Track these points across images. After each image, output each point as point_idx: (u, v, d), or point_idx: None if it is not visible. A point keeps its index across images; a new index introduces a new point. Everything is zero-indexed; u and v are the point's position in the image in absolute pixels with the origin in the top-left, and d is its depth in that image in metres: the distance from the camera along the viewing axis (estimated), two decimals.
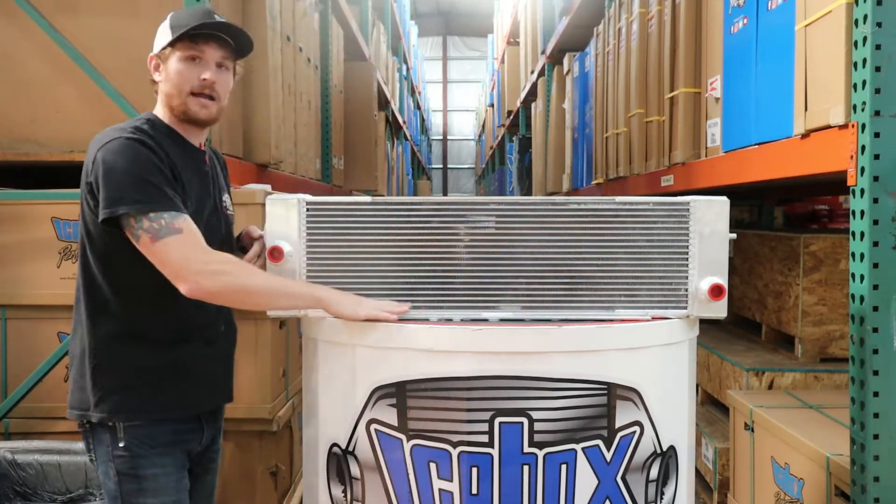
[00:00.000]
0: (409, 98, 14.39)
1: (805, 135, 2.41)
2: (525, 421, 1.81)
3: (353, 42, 7.02)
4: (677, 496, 2.01)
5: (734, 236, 1.98)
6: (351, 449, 1.92)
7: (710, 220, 1.95)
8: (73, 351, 2.00)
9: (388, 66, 10.22)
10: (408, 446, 1.85)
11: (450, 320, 1.95)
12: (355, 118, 6.72)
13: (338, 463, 1.96)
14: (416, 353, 1.85)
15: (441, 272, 1.97)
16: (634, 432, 1.88)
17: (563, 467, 1.83)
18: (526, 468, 1.83)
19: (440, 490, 1.85)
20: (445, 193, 24.44)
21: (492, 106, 16.07)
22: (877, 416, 2.09)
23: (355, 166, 6.73)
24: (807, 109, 2.40)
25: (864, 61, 2.05)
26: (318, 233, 1.99)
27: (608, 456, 1.86)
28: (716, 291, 1.94)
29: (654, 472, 1.93)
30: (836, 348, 3.41)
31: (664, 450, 1.94)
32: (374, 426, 1.89)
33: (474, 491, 1.83)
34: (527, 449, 1.82)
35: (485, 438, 1.82)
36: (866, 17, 2.04)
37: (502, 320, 1.95)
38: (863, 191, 2.08)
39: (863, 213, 2.09)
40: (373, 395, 1.88)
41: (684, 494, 2.04)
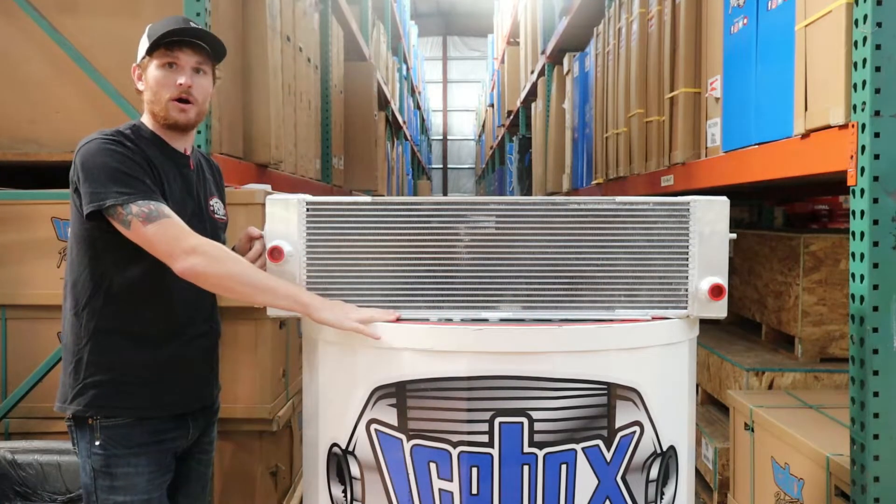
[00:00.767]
0: (409, 98, 14.39)
1: (805, 135, 2.41)
2: (525, 421, 1.81)
3: (353, 42, 7.02)
4: (677, 496, 2.01)
5: (734, 236, 1.98)
6: (351, 449, 1.92)
7: (710, 220, 1.95)
8: (62, 343, 2.08)
9: (388, 66, 10.22)
10: (408, 446, 1.85)
11: (450, 320, 1.95)
12: (355, 118, 6.72)
13: (338, 463, 1.96)
14: (416, 353, 1.86)
15: (441, 272, 1.97)
16: (634, 432, 1.88)
17: (563, 467, 1.83)
18: (526, 468, 1.83)
19: (440, 490, 1.85)
20: (445, 193, 24.44)
21: (492, 106, 16.08)
22: (877, 416, 2.09)
23: (355, 166, 6.73)
24: (807, 109, 2.40)
25: (864, 61, 2.05)
26: (318, 233, 1.99)
27: (608, 456, 1.86)
28: (716, 291, 1.94)
29: (654, 472, 1.93)
30: (836, 348, 3.41)
31: (664, 450, 1.94)
32: (374, 426, 1.89)
33: (474, 491, 1.83)
34: (527, 449, 1.82)
35: (485, 438, 1.82)
36: (866, 17, 2.04)
37: (502, 320, 1.95)
38: (863, 191, 2.08)
39: (863, 213, 2.09)
40: (373, 395, 1.88)
41: (684, 494, 2.04)
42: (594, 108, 5.47)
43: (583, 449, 1.84)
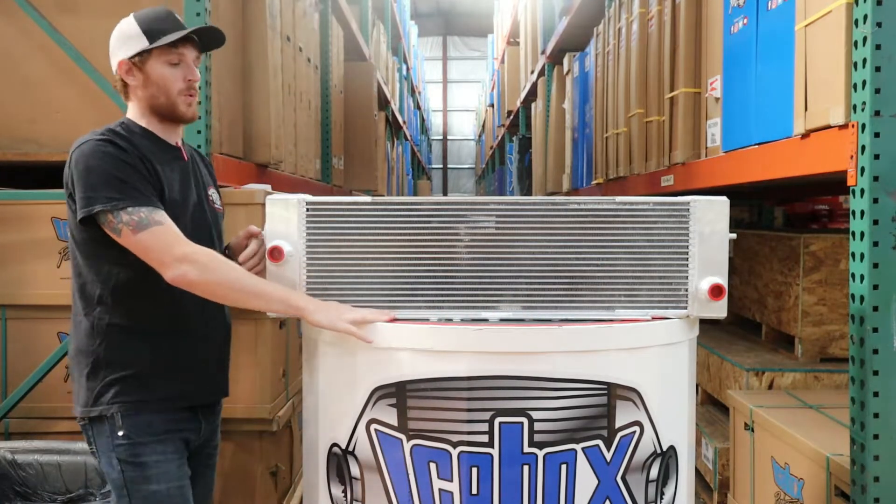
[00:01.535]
0: (409, 98, 14.39)
1: (805, 135, 2.41)
2: (525, 421, 1.81)
3: (353, 42, 7.02)
4: (677, 496, 2.01)
5: (734, 236, 1.98)
6: (351, 449, 1.92)
7: (710, 220, 1.95)
8: (72, 351, 2.05)
9: (388, 66, 10.22)
10: (408, 446, 1.85)
11: (450, 320, 1.95)
12: (355, 118, 6.72)
13: (338, 463, 1.96)
14: (416, 353, 1.86)
15: (441, 272, 1.97)
16: (634, 432, 1.88)
17: (563, 467, 1.83)
18: (526, 468, 1.83)
19: (440, 490, 1.85)
20: (445, 193, 24.44)
21: (492, 106, 16.07)
22: (877, 416, 2.09)
23: (355, 166, 6.73)
24: (807, 109, 2.40)
25: (864, 61, 2.05)
26: (318, 233, 1.99)
27: (608, 456, 1.86)
28: (716, 291, 1.94)
29: (654, 472, 1.93)
30: (836, 348, 3.41)
31: (664, 450, 1.94)
32: (374, 426, 1.89)
33: (474, 491, 1.83)
34: (527, 449, 1.82)
35: (485, 438, 1.82)
36: (866, 17, 2.04)
37: (502, 320, 1.95)
38: (863, 191, 2.08)
39: (863, 213, 2.09)
40: (373, 395, 1.88)
41: (684, 494, 2.04)
42: (594, 108, 5.47)
43: (583, 449, 1.84)
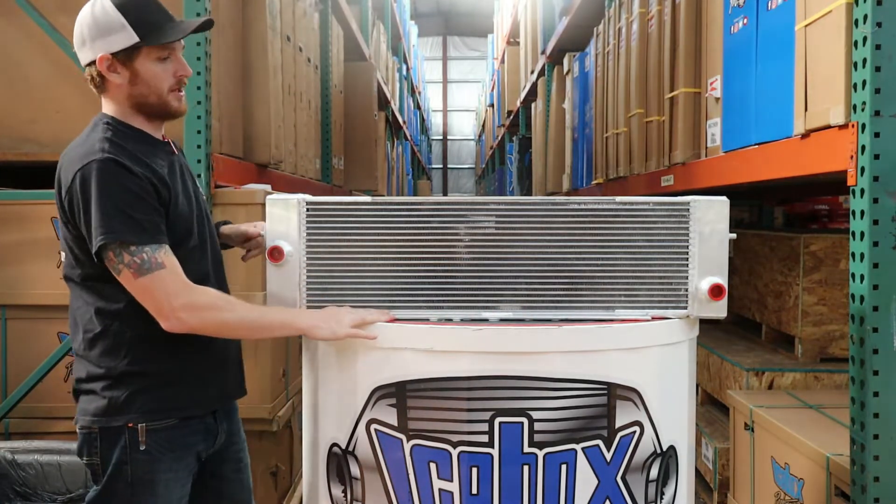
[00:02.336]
0: (409, 98, 14.39)
1: (805, 135, 2.41)
2: (525, 421, 1.81)
3: (353, 42, 7.02)
4: (677, 496, 2.01)
5: (734, 236, 1.98)
6: (351, 449, 1.92)
7: (710, 220, 1.95)
8: (84, 369, 1.93)
9: (388, 66, 10.22)
10: (408, 446, 1.85)
11: (450, 320, 1.95)
12: (355, 118, 6.72)
13: (338, 463, 1.96)
14: (416, 353, 1.86)
15: (441, 272, 1.97)
16: (634, 432, 1.88)
17: (563, 467, 1.83)
18: (526, 468, 1.83)
19: (440, 490, 1.85)
20: (445, 193, 24.44)
21: (492, 106, 16.08)
22: (877, 416, 2.09)
23: (355, 166, 6.72)
24: (807, 109, 2.40)
25: (864, 61, 2.05)
26: (318, 233, 1.99)
27: (608, 456, 1.86)
28: (716, 291, 1.94)
29: (654, 472, 1.93)
30: (836, 348, 3.41)
31: (664, 450, 1.94)
32: (374, 426, 1.89)
33: (474, 491, 1.83)
34: (527, 449, 1.82)
35: (485, 438, 1.82)
36: (866, 17, 2.04)
37: (502, 320, 1.95)
38: (863, 191, 2.08)
39: (863, 213, 2.09)
40: (373, 395, 1.88)
41: (684, 494, 2.04)
42: (594, 108, 5.47)
43: (583, 449, 1.84)
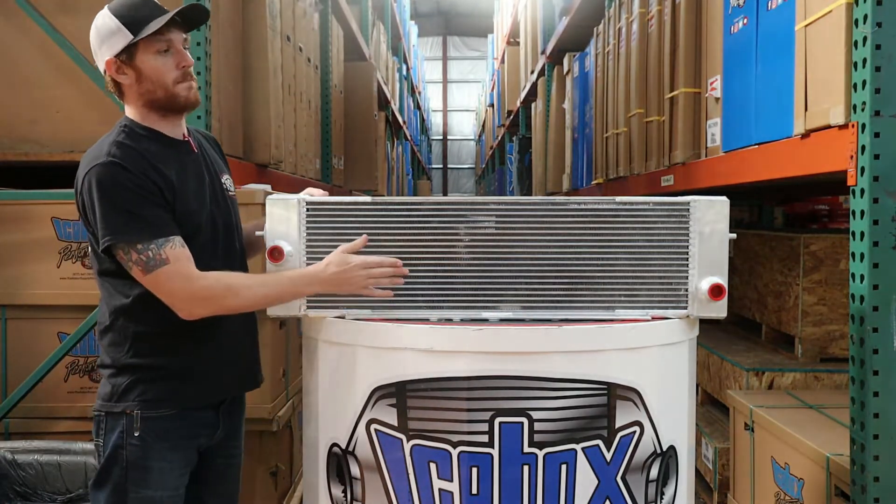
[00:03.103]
0: (409, 98, 14.39)
1: (805, 135, 2.41)
2: (525, 421, 1.81)
3: (353, 42, 7.02)
4: (677, 496, 2.01)
5: (734, 236, 1.98)
6: (351, 449, 1.92)
7: (710, 220, 1.95)
8: (101, 354, 2.03)
9: (388, 66, 10.22)
10: (408, 446, 1.85)
11: (450, 320, 1.95)
12: (355, 118, 6.72)
13: (338, 463, 1.96)
14: (416, 353, 1.86)
15: (441, 272, 1.97)
16: (634, 432, 1.88)
17: (563, 467, 1.83)
18: (526, 468, 1.83)
19: (440, 490, 1.85)
20: (445, 193, 24.44)
21: (492, 106, 16.07)
22: (877, 416, 2.09)
23: (355, 166, 6.72)
24: (807, 109, 2.40)
25: (864, 61, 2.05)
26: (318, 233, 2.00)
27: (608, 456, 1.86)
28: (716, 291, 1.94)
29: (654, 472, 1.93)
30: (836, 348, 3.41)
31: (664, 450, 1.94)
32: (374, 426, 1.89)
33: (474, 491, 1.83)
34: (527, 449, 1.82)
35: (485, 438, 1.82)
36: (866, 17, 2.04)
37: (502, 320, 1.95)
38: (863, 191, 2.08)
39: (863, 213, 2.09)
40: (373, 395, 1.88)
41: (684, 494, 2.04)
42: (594, 108, 5.47)
43: (583, 449, 1.84)
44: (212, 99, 3.06)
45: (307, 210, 1.99)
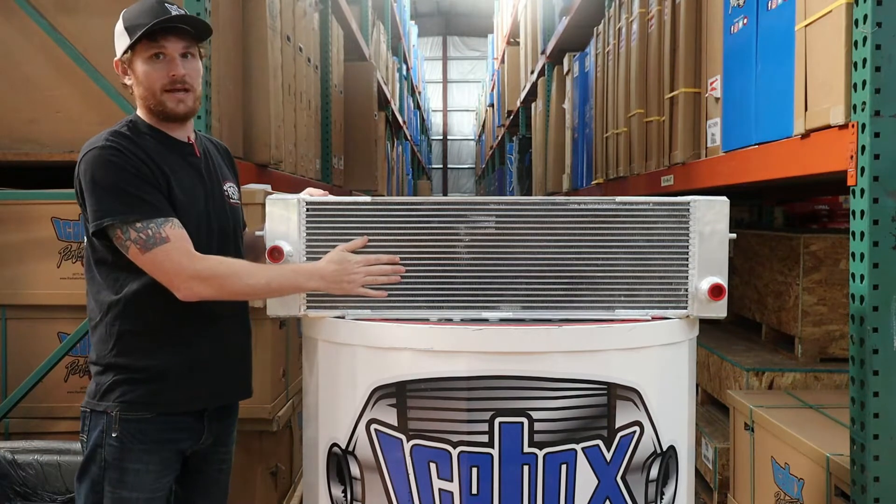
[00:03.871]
0: (409, 98, 14.39)
1: (805, 135, 2.41)
2: (525, 421, 1.81)
3: (353, 42, 7.02)
4: (677, 496, 2.01)
5: (734, 236, 1.98)
6: (351, 449, 1.92)
7: (710, 220, 1.96)
8: (91, 350, 2.04)
9: (388, 66, 10.22)
10: (408, 446, 1.85)
11: (450, 320, 1.95)
12: (355, 118, 6.72)
13: (338, 463, 1.96)
14: (416, 353, 1.86)
15: (441, 272, 1.97)
16: (634, 432, 1.88)
17: (563, 467, 1.83)
18: (526, 468, 1.83)
19: (440, 490, 1.85)
20: (445, 193, 24.44)
21: (492, 106, 16.07)
22: (877, 416, 2.09)
23: (355, 166, 6.72)
24: (807, 109, 2.40)
25: (864, 61, 2.05)
26: (317, 233, 2.00)
27: (608, 456, 1.86)
28: (716, 291, 1.94)
29: (654, 472, 1.93)
30: (836, 348, 3.41)
31: (664, 450, 1.94)
32: (374, 426, 1.89)
33: (474, 491, 1.83)
34: (527, 449, 1.82)
35: (485, 438, 1.82)
36: (866, 17, 2.04)
37: (502, 320, 1.95)
38: (863, 191, 2.08)
39: (863, 213, 2.09)
40: (373, 395, 1.88)
41: (684, 494, 2.04)
42: (594, 108, 5.47)
43: (583, 449, 1.84)
44: (212, 99, 3.06)
45: (307, 210, 1.99)
